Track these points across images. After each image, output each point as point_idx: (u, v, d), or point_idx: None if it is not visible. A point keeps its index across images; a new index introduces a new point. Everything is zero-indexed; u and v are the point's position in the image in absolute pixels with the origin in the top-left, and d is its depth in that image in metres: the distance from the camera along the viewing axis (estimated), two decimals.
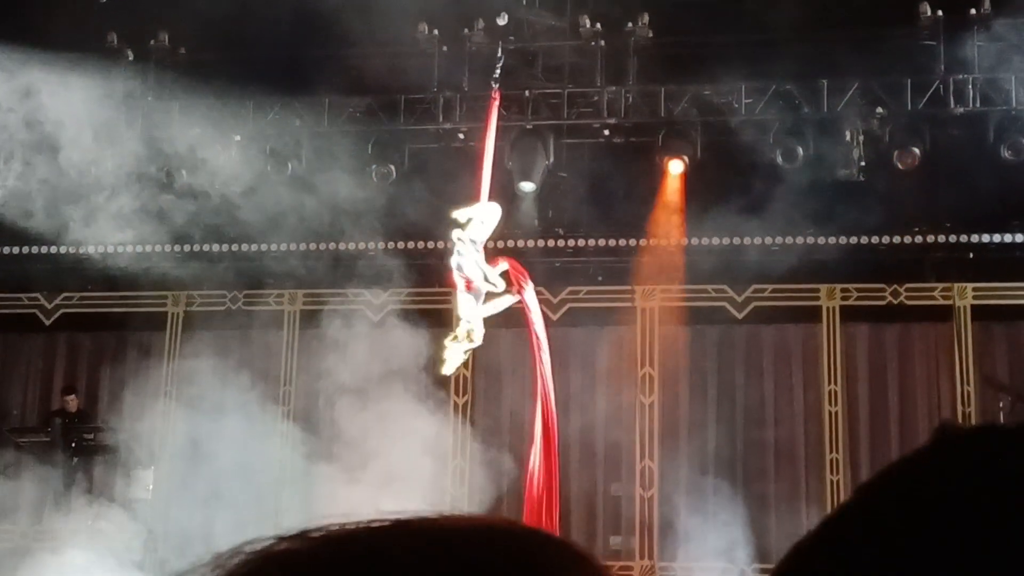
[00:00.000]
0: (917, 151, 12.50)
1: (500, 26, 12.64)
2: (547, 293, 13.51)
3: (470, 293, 9.24)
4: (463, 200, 10.02)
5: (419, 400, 11.58)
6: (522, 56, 13.02)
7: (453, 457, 12.80)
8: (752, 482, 12.98)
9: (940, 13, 12.42)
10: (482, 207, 9.51)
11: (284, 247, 13.59)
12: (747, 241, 13.08)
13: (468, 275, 9.25)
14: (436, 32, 13.06)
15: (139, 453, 12.88)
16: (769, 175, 12.58)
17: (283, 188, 12.99)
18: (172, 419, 12.93)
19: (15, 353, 14.64)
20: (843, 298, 13.29)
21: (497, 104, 9.90)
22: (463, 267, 9.24)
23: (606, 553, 13.16)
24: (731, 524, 12.35)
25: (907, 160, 12.50)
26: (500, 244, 12.10)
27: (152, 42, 13.56)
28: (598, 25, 13.00)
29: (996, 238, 13.01)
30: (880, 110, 12.68)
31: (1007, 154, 12.32)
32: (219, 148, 12.98)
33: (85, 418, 13.48)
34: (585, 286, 13.70)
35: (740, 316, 13.37)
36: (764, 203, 12.59)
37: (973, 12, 12.34)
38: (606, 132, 13.29)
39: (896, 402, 13.17)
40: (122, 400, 13.19)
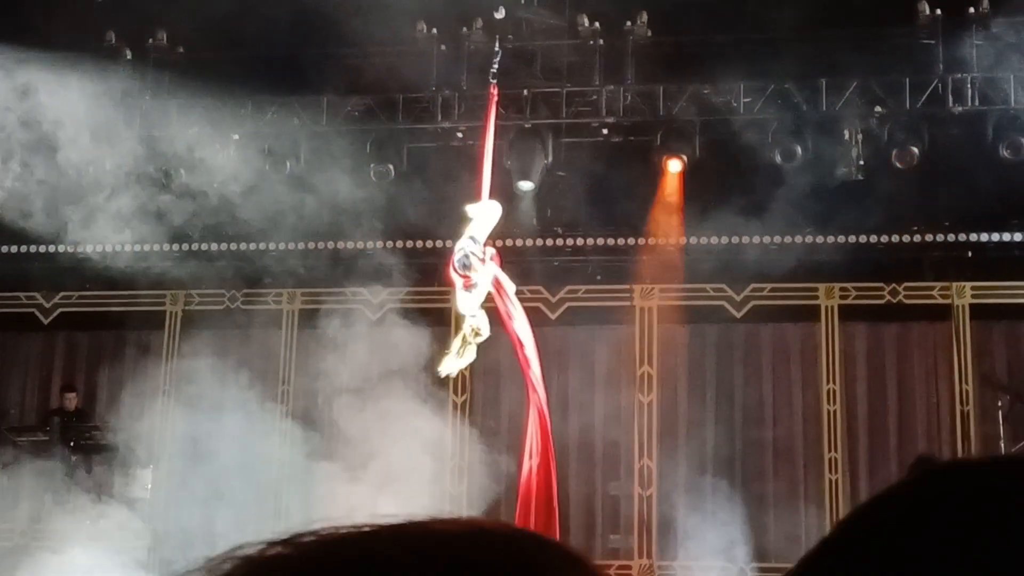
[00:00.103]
0: (916, 150, 12.49)
1: (498, 23, 12.62)
2: (546, 292, 13.52)
3: (469, 291, 9.15)
4: (462, 199, 9.99)
5: (418, 399, 11.56)
6: (521, 55, 13.00)
7: (452, 456, 12.79)
8: (751, 481, 12.98)
9: (939, 12, 12.44)
10: (482, 205, 9.47)
11: (283, 246, 13.59)
12: (746, 240, 13.07)
13: (476, 275, 9.08)
14: (435, 31, 13.06)
15: (138, 452, 12.88)
16: (768, 174, 12.58)
17: (282, 187, 12.98)
18: (171, 418, 12.92)
19: (13, 352, 14.63)
20: (842, 297, 13.29)
21: (496, 100, 9.85)
22: (470, 266, 9.06)
23: (605, 552, 13.17)
24: (730, 523, 12.35)
25: (906, 159, 12.49)
26: (499, 243, 12.09)
27: (150, 41, 13.56)
28: (597, 24, 13.00)
29: (995, 237, 13.01)
30: (879, 109, 12.68)
31: (1006, 153, 12.32)
32: (217, 147, 12.98)
33: (83, 417, 13.47)
34: (584, 285, 13.70)
35: (739, 315, 13.37)
36: (763, 202, 12.60)
37: (972, 11, 12.35)
38: (605, 131, 13.29)
39: (895, 401, 13.17)
40: (120, 399, 13.17)
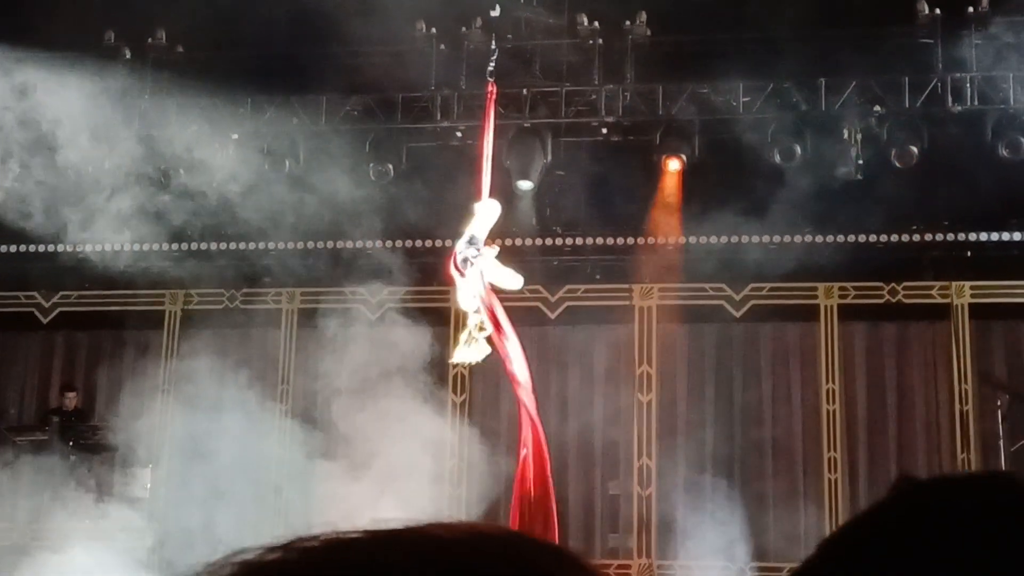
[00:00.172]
0: (915, 149, 12.49)
1: (498, 22, 12.62)
2: (545, 292, 13.51)
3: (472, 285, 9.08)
4: (461, 199, 9.99)
5: (417, 398, 11.56)
6: (520, 54, 13.01)
7: (451, 456, 12.79)
8: (750, 480, 12.98)
9: (938, 12, 12.44)
10: (481, 204, 9.46)
11: (282, 246, 13.58)
12: (745, 240, 13.07)
13: (484, 273, 9.04)
14: (433, 31, 13.06)
15: (137, 452, 12.87)
16: (767, 174, 12.57)
17: (281, 187, 12.98)
18: (170, 417, 12.91)
19: (12, 352, 14.63)
20: (841, 297, 13.29)
21: (494, 100, 9.84)
22: (475, 261, 9.00)
23: (604, 552, 13.17)
24: (729, 522, 12.34)
25: (905, 159, 12.49)
26: (499, 243, 12.07)
27: (149, 40, 13.55)
28: (596, 23, 13.00)
29: (994, 236, 13.01)
30: (878, 109, 12.68)
31: (1005, 152, 12.32)
32: (216, 146, 12.97)
33: (83, 416, 13.48)
34: (583, 284, 13.69)
35: (738, 315, 13.36)
36: (762, 202, 12.59)
37: (971, 11, 12.35)
38: (604, 131, 13.28)
39: (894, 400, 13.17)
40: (120, 398, 13.17)
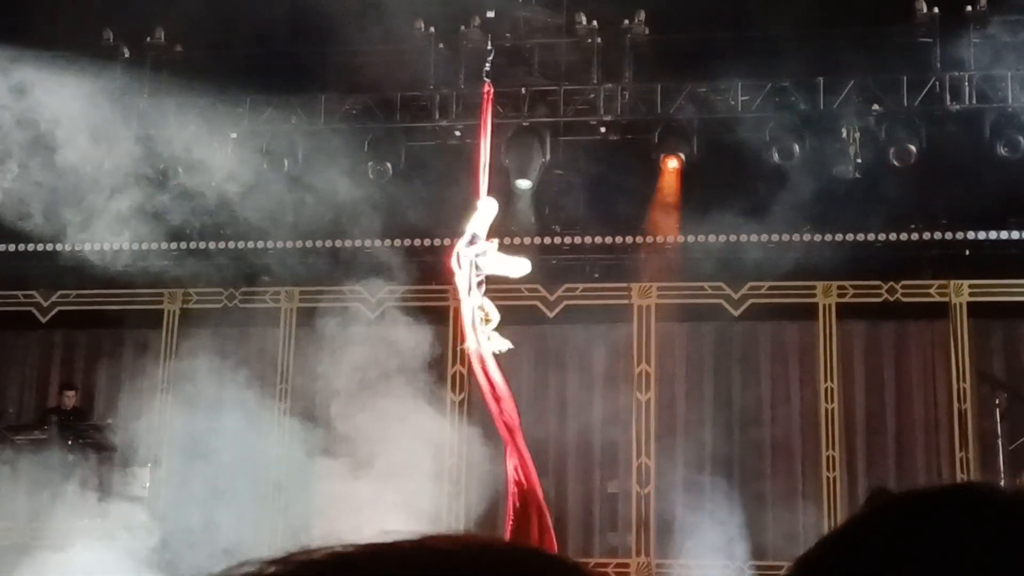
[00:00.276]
0: (913, 148, 12.50)
1: (493, 22, 12.62)
2: (544, 291, 13.51)
3: (474, 281, 9.09)
4: (460, 198, 9.99)
5: (416, 397, 11.55)
6: (518, 53, 13.01)
7: (451, 454, 12.78)
8: (749, 479, 12.98)
9: (936, 11, 12.44)
10: (480, 203, 9.47)
11: (281, 244, 13.58)
12: (744, 239, 13.07)
13: (488, 266, 9.05)
14: (432, 30, 13.06)
15: (136, 450, 12.86)
16: (766, 173, 12.58)
17: (279, 186, 12.97)
18: (169, 416, 12.91)
19: (11, 351, 14.62)
20: (839, 295, 13.29)
21: (491, 98, 9.85)
22: (479, 255, 8.99)
23: (603, 550, 13.18)
24: (728, 521, 12.35)
25: (903, 157, 12.50)
26: (498, 242, 12.07)
27: (148, 40, 13.55)
28: (594, 22, 13.00)
29: (992, 235, 13.02)
30: (876, 107, 12.69)
31: (1003, 151, 12.33)
32: (215, 146, 12.97)
33: (81, 415, 13.47)
34: (582, 283, 13.69)
35: (736, 313, 13.36)
36: (760, 201, 12.59)
37: (969, 10, 12.36)
38: (602, 129, 13.28)
39: (892, 399, 13.18)
40: (118, 397, 13.17)
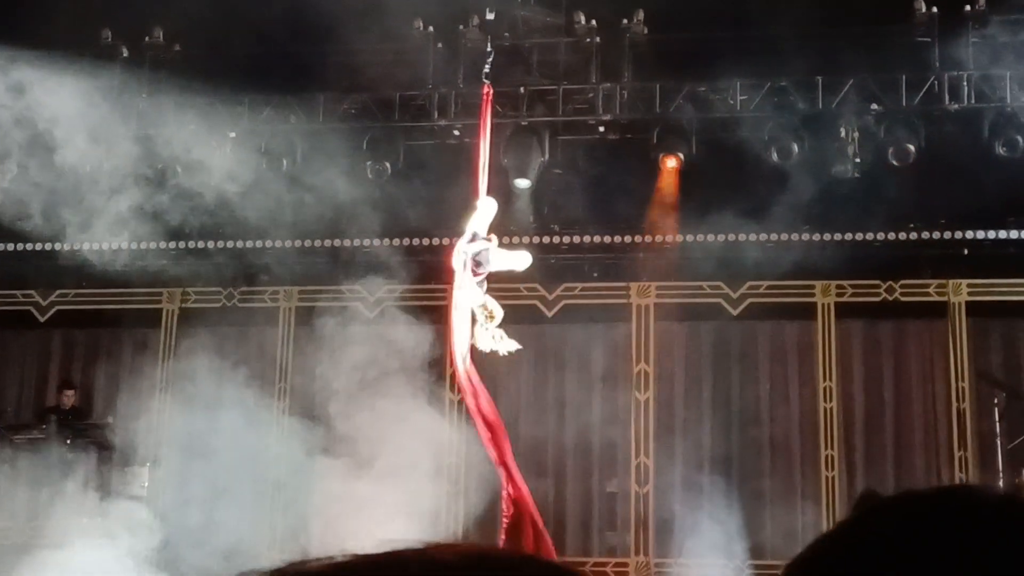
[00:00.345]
0: (912, 148, 12.50)
1: (493, 22, 12.61)
2: (542, 290, 13.51)
3: (476, 279, 9.09)
4: (459, 197, 9.99)
5: (415, 396, 11.56)
6: (517, 53, 13.01)
7: (450, 453, 12.78)
8: (747, 478, 12.98)
9: (935, 10, 12.44)
10: (479, 202, 9.47)
11: (280, 244, 13.58)
12: (742, 238, 13.07)
13: (490, 263, 9.04)
14: (431, 29, 13.06)
15: (135, 450, 12.87)
16: (764, 172, 12.57)
17: (278, 185, 12.97)
18: (168, 416, 12.91)
19: (9, 350, 14.62)
20: (838, 295, 13.30)
21: (490, 99, 9.85)
22: (480, 252, 8.98)
23: (602, 550, 13.18)
24: (726, 520, 12.36)
25: (902, 157, 12.50)
26: (496, 239, 12.07)
27: (146, 39, 13.54)
28: (593, 22, 13.00)
29: (991, 234, 13.02)
30: (875, 107, 12.69)
31: (1002, 150, 12.33)
32: (214, 145, 12.96)
33: (80, 415, 13.46)
34: (580, 283, 13.69)
35: (735, 313, 13.37)
36: (759, 200, 12.59)
37: (968, 9, 12.36)
38: (601, 129, 13.28)
39: (891, 399, 13.18)
40: (117, 397, 13.16)
